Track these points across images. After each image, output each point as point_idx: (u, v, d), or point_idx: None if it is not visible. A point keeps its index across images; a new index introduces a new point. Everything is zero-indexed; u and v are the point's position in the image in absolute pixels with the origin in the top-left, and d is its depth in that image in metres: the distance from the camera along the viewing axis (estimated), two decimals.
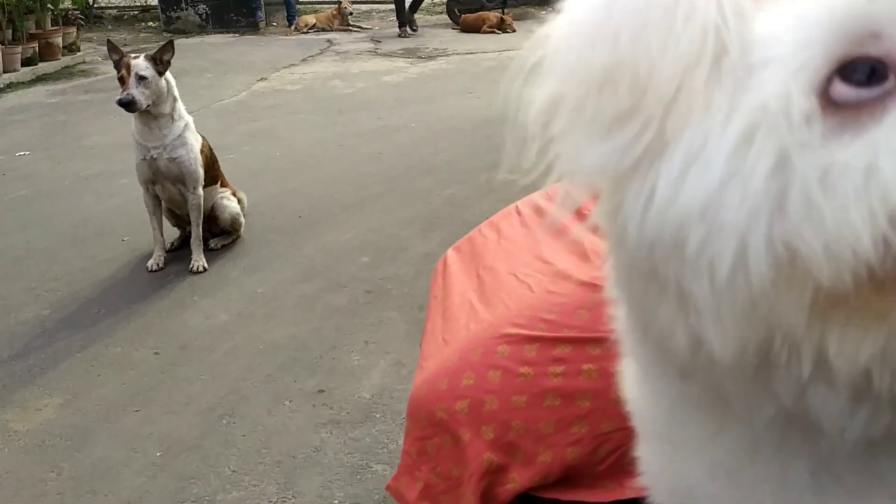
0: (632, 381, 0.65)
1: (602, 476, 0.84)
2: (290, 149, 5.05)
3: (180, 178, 3.17)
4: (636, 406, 0.65)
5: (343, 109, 6.04)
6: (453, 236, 3.48)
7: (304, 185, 4.30)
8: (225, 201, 3.42)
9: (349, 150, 4.99)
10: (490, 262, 1.11)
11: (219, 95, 6.63)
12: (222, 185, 3.48)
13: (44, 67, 7.71)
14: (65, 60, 8.08)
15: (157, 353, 2.66)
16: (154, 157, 3.12)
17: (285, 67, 7.92)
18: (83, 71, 7.95)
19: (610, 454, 0.83)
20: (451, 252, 1.27)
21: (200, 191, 3.23)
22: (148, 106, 3.03)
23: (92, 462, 2.14)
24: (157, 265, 3.25)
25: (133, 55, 3.07)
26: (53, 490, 2.03)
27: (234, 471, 2.07)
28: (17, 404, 2.42)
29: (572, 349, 0.81)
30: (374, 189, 4.19)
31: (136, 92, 2.96)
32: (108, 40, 3.19)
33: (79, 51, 8.50)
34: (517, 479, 0.89)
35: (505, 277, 1.02)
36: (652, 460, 0.66)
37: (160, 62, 3.06)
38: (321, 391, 2.41)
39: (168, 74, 3.11)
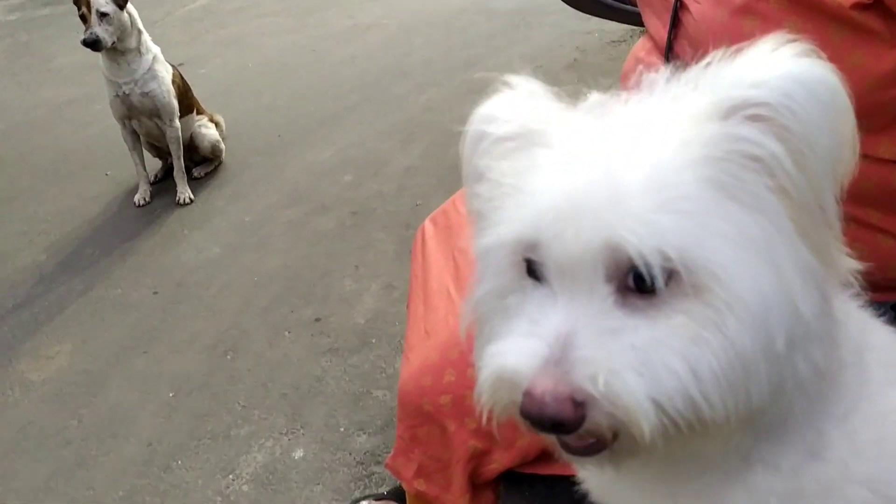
0: None
1: None
2: (261, 58, 4.97)
3: (155, 112, 3.17)
4: None
5: (312, 8, 5.88)
6: (434, 147, 3.54)
7: (279, 99, 4.27)
8: (203, 129, 3.42)
9: (322, 54, 4.91)
10: (464, 243, 1.19)
11: (181, 0, 6.42)
12: (198, 113, 3.48)
13: None
14: None
15: (155, 293, 2.76)
16: (126, 92, 3.10)
17: None
18: None
19: None
20: (427, 224, 1.33)
21: (177, 122, 3.23)
22: (113, 43, 2.98)
23: (109, 406, 2.28)
24: (144, 199, 3.30)
25: None
26: (77, 437, 2.18)
27: (243, 406, 2.21)
28: (29, 354, 2.53)
29: None
30: (350, 99, 4.17)
31: (100, 30, 2.92)
32: None
33: None
34: (499, 461, 1.01)
35: None
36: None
37: None
38: (318, 320, 2.52)
39: (130, 7, 3.04)
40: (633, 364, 0.49)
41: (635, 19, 1.45)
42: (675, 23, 0.93)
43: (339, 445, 2.02)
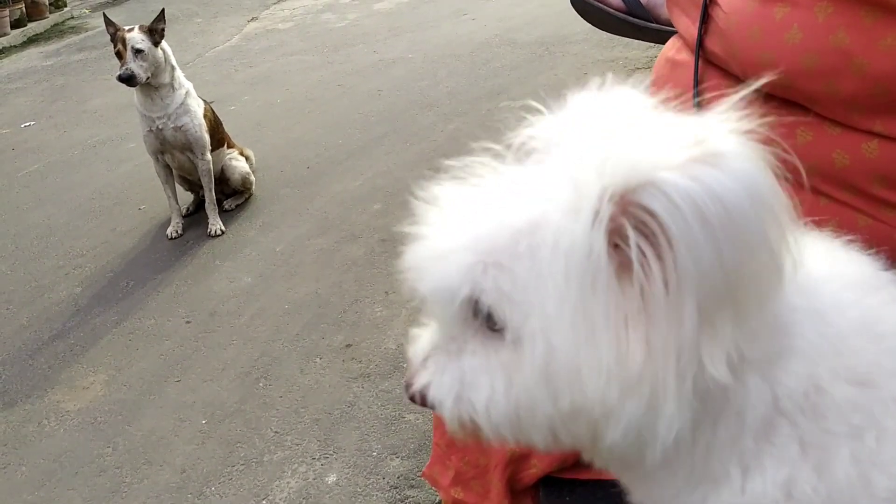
0: None
1: None
2: (289, 94, 5.05)
3: (188, 146, 3.23)
4: None
5: (338, 45, 5.99)
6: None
7: (308, 133, 4.33)
8: (234, 162, 3.48)
9: (348, 89, 4.99)
10: None
11: (212, 42, 6.58)
12: (229, 146, 3.53)
13: (33, 28, 7.65)
14: (53, 18, 8.01)
15: (188, 322, 2.78)
16: (160, 127, 3.17)
17: (274, 3, 7.79)
18: (73, 27, 7.87)
19: None
20: None
21: (209, 156, 3.28)
22: (147, 78, 3.05)
23: (143, 434, 2.28)
24: (176, 232, 3.35)
25: (127, 28, 3.08)
26: (112, 464, 2.18)
27: (276, 432, 2.21)
28: (64, 384, 2.56)
29: None
30: (377, 130, 4.21)
31: (135, 66, 2.99)
32: (104, 15, 3.20)
33: (65, 6, 8.40)
34: (538, 465, 0.99)
35: None
36: None
37: (154, 32, 3.07)
38: (349, 346, 2.52)
39: (164, 44, 3.12)
40: (452, 382, 0.62)
41: (662, 37, 1.46)
42: (705, 18, 0.92)
43: (372, 470, 2.00)
